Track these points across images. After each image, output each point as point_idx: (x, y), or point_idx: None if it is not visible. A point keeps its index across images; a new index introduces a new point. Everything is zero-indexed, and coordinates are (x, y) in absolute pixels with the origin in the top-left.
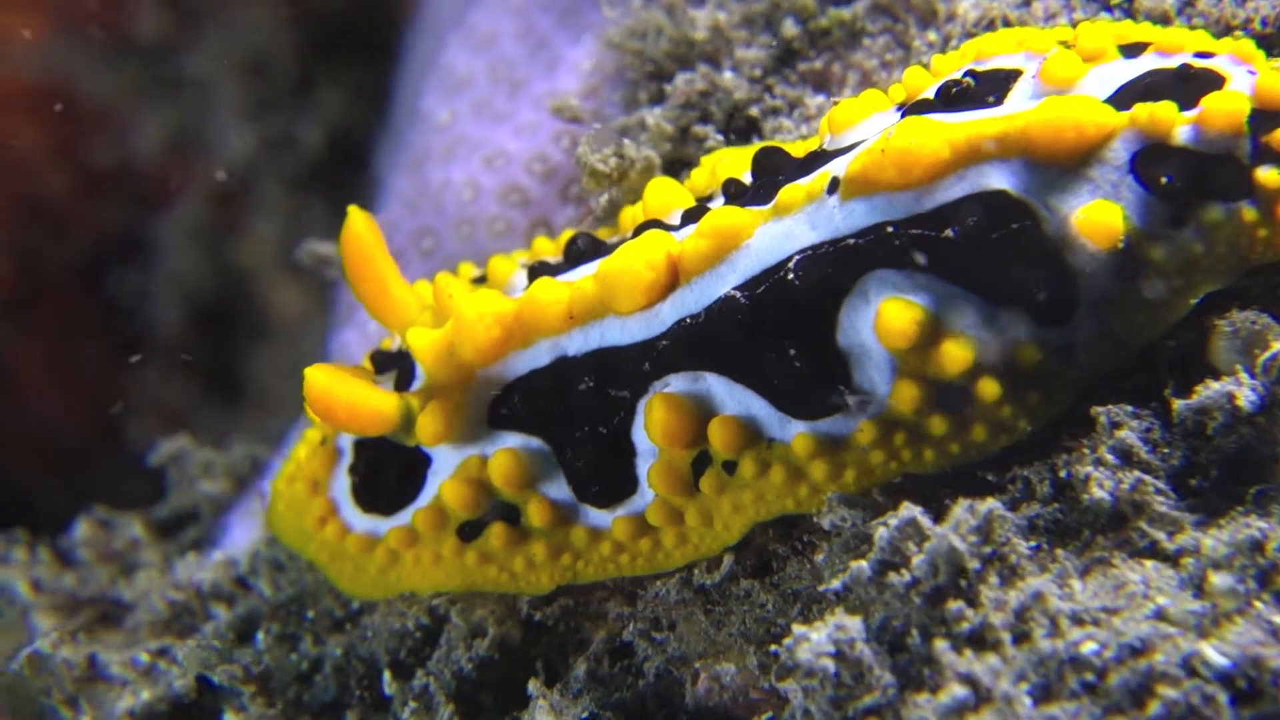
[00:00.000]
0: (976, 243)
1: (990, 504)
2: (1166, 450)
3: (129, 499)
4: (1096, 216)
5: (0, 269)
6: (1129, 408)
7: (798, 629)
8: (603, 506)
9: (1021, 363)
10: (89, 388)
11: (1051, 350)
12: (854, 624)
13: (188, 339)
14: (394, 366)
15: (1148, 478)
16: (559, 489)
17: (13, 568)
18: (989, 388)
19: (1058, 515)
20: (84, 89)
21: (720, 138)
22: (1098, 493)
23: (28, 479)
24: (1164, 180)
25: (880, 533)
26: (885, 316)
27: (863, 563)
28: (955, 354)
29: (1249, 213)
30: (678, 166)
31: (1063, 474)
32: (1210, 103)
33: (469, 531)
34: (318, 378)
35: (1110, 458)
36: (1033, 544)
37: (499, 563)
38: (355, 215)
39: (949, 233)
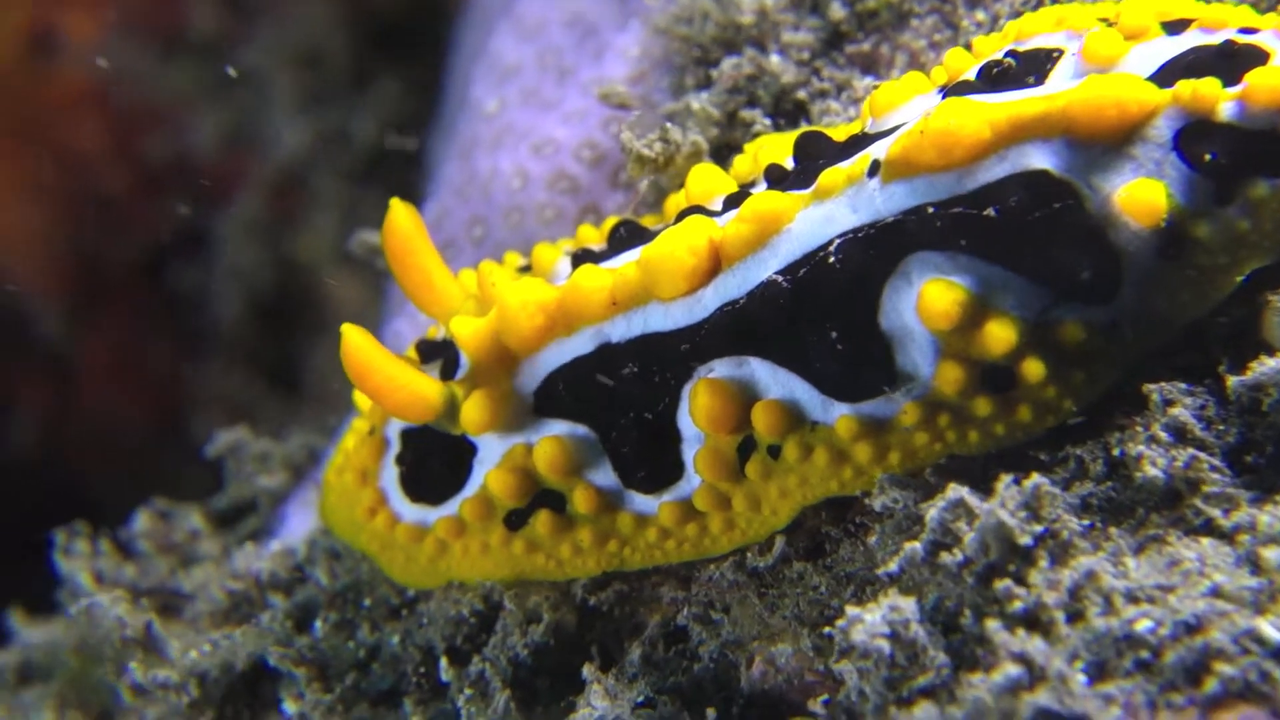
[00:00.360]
0: (1018, 223)
1: (1036, 479)
2: (1221, 427)
3: (189, 491)
4: (1139, 194)
5: (64, 266)
6: (1182, 385)
7: (852, 610)
8: (648, 492)
9: (1065, 342)
10: (152, 383)
11: (1096, 329)
12: (908, 605)
13: (248, 333)
14: (439, 356)
15: (1202, 455)
16: (604, 475)
17: (76, 559)
18: (1033, 368)
19: (1111, 493)
20: (141, 87)
21: (768, 122)
22: (1151, 470)
23: (91, 473)
24: (1208, 157)
25: (931, 513)
26: (927, 298)
27: (915, 544)
28: (999, 334)
29: None
30: (725, 151)
31: (1116, 452)
32: (1254, 78)
33: (515, 520)
34: (354, 336)
35: (1164, 435)
36: (1086, 522)
37: (546, 550)
38: (397, 206)
39: (990, 213)
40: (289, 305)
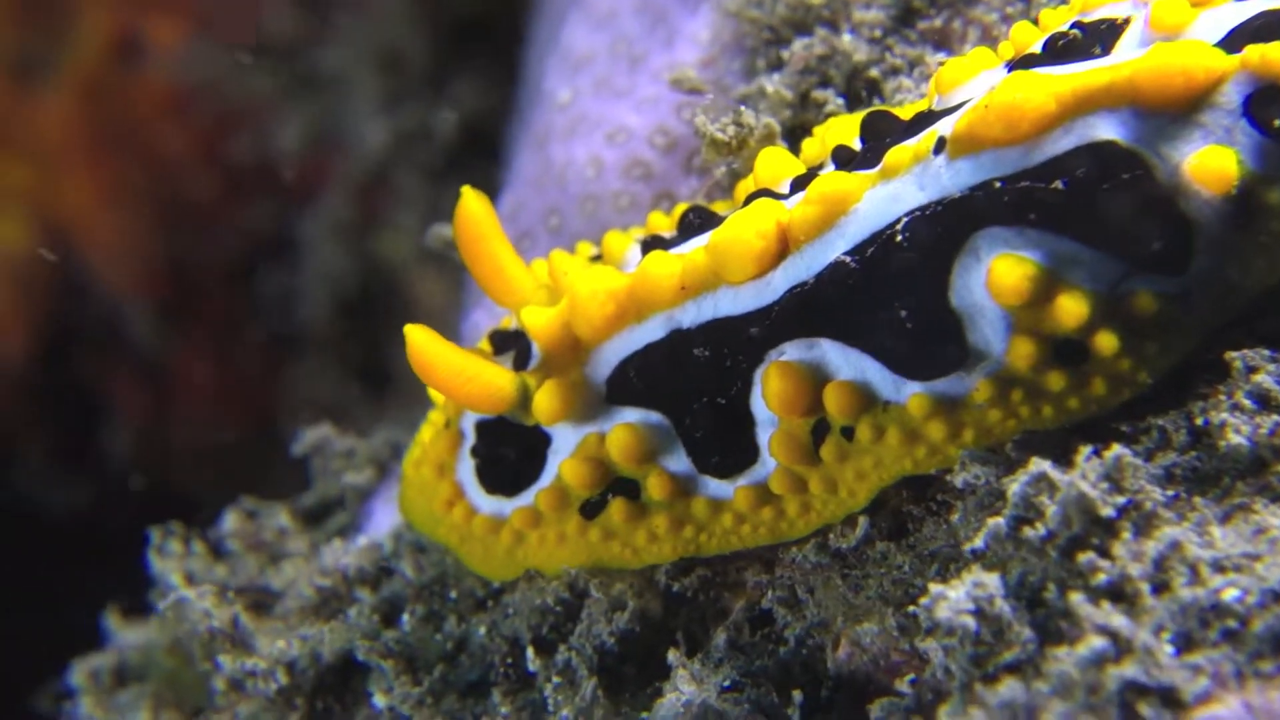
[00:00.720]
0: (1087, 194)
1: (1117, 450)
2: None
3: (281, 490)
4: (1209, 162)
5: (156, 272)
6: (1265, 351)
7: (935, 588)
8: (724, 477)
9: (1138, 313)
10: (245, 386)
11: (1169, 299)
12: (992, 580)
13: (337, 333)
14: (513, 347)
15: None
16: (678, 461)
17: (169, 560)
18: (1106, 340)
19: (1195, 463)
20: (225, 91)
21: (840, 102)
22: (1235, 438)
23: (186, 476)
24: (1278, 123)
25: (1013, 488)
26: (997, 273)
27: (998, 519)
28: (1070, 308)
29: None
30: (798, 133)
31: (1199, 421)
32: None
33: (591, 509)
34: (416, 335)
35: (1247, 402)
36: (1171, 493)
37: (621, 538)
38: (469, 195)
39: (1058, 185)
40: (375, 304)
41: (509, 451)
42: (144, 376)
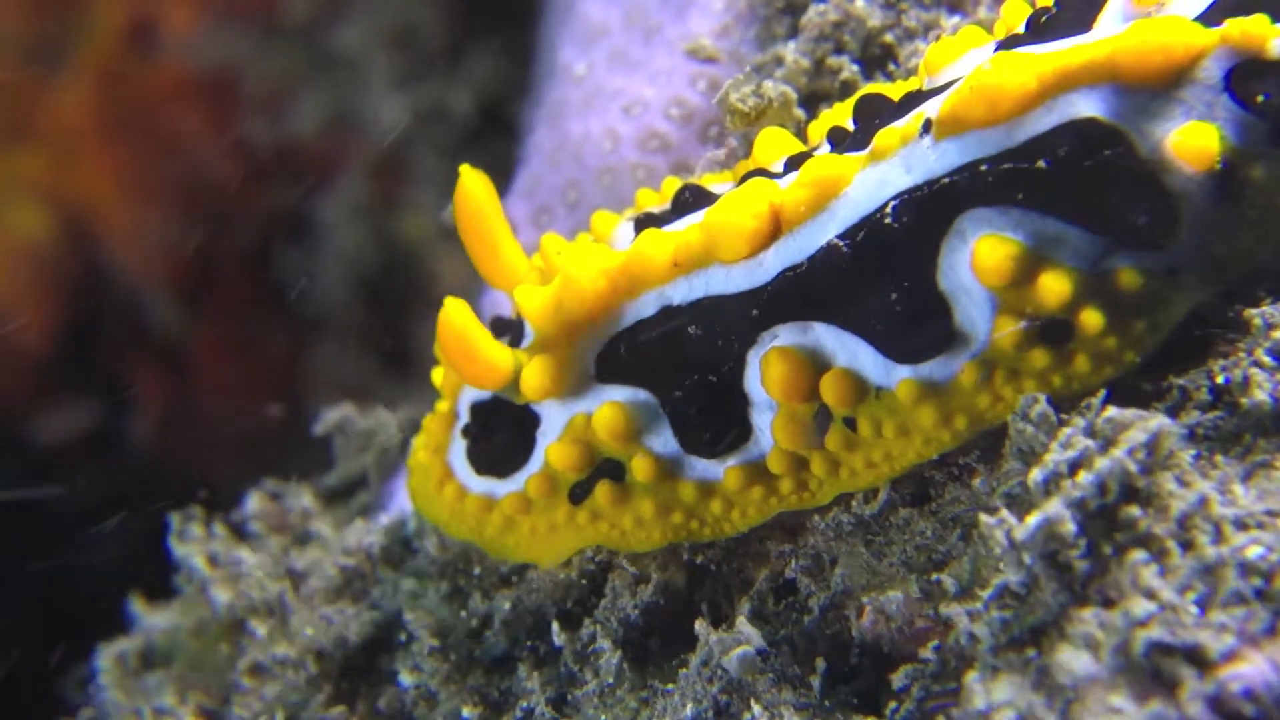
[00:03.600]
0: (1070, 172)
1: (1159, 421)
2: None
3: (304, 471)
4: (1191, 138)
5: (176, 256)
6: None
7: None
8: (713, 456)
9: (1124, 290)
10: (266, 368)
11: (1155, 275)
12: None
13: (357, 314)
14: (509, 331)
15: None
16: (664, 442)
17: (191, 543)
18: (1091, 318)
19: (1218, 422)
20: (241, 73)
21: (856, 68)
22: (1258, 395)
23: (208, 459)
24: (1261, 97)
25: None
26: (980, 254)
27: (1035, 471)
28: (1053, 286)
29: None
30: (814, 100)
31: (1220, 379)
32: None
33: (577, 494)
34: (455, 309)
35: (1268, 359)
36: (1194, 452)
37: (609, 519)
38: (467, 174)
39: (1041, 164)
40: (396, 284)
41: (499, 431)
42: (165, 361)
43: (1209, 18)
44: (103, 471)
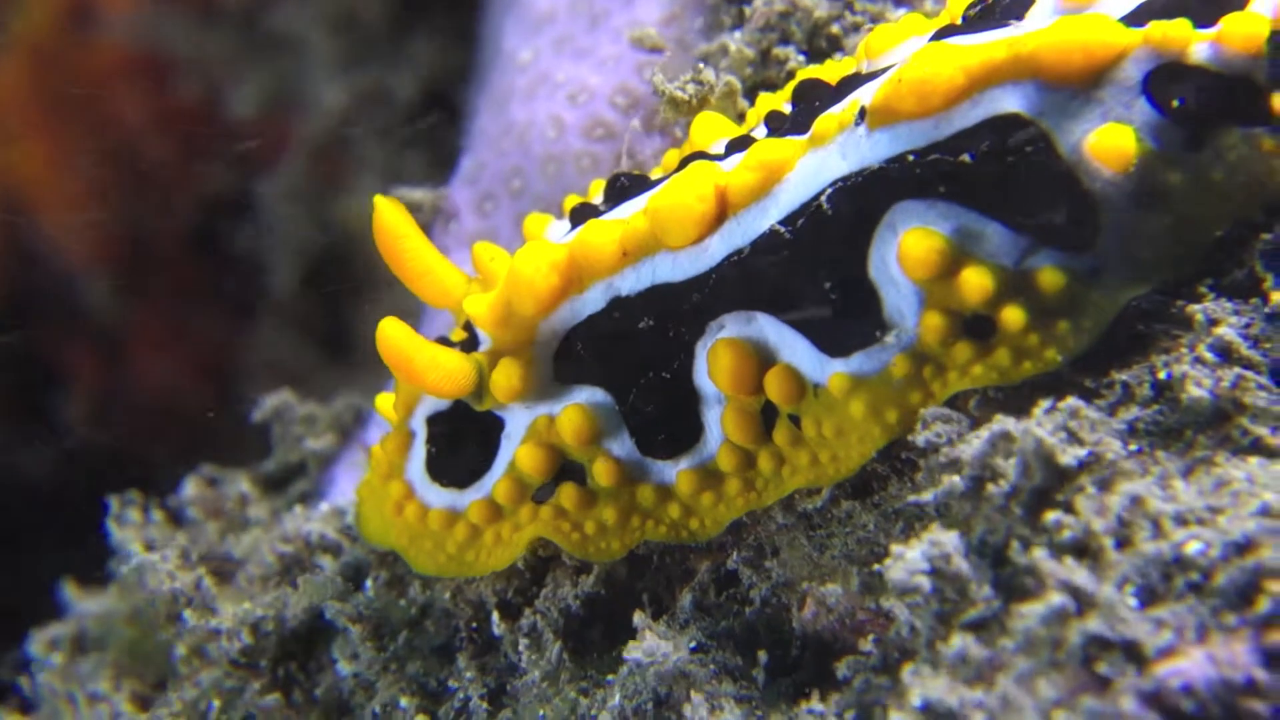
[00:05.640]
0: (992, 168)
1: (1072, 401)
2: (1268, 345)
3: (241, 457)
4: (1107, 140)
5: (111, 238)
6: (1227, 304)
7: (895, 548)
8: (668, 457)
9: (1045, 289)
10: (203, 352)
11: (1077, 276)
12: (949, 539)
13: (298, 298)
14: (459, 349)
15: (1249, 373)
16: (622, 445)
17: (128, 528)
18: (1013, 315)
19: (1158, 417)
20: (180, 55)
21: (802, 59)
22: (1197, 391)
23: (144, 443)
24: (1176, 102)
25: (975, 445)
26: (906, 246)
27: (956, 476)
28: (976, 281)
29: (1267, 141)
30: (760, 90)
31: (1162, 375)
32: (1229, 23)
33: (542, 495)
34: (391, 329)
35: (1209, 355)
36: (1134, 447)
37: (572, 520)
38: (381, 204)
39: (966, 158)
40: (338, 268)
41: (460, 440)
42: (99, 343)
43: (1135, 19)
44: (35, 453)
